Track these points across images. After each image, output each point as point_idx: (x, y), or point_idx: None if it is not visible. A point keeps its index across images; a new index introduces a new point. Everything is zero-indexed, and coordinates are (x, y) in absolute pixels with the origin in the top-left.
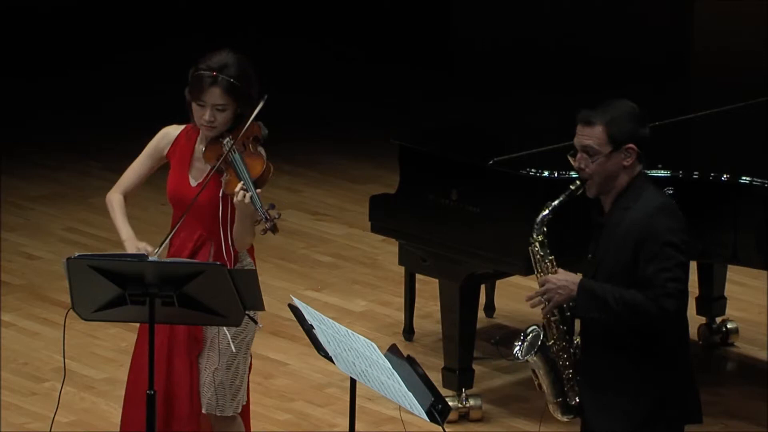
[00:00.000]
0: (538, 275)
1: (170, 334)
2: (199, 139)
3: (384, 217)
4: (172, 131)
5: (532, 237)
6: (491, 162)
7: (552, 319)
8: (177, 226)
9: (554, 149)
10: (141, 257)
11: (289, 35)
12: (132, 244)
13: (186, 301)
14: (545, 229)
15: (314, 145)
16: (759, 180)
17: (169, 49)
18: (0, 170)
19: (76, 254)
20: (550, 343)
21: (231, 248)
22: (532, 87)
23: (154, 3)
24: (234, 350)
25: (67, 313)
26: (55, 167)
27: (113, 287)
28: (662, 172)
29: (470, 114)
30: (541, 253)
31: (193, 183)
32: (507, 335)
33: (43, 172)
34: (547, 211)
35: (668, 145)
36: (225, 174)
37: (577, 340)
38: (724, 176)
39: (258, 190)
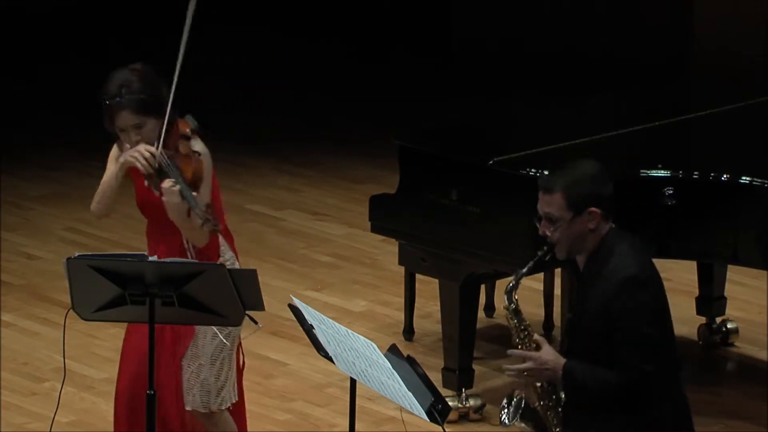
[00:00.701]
0: (518, 346)
1: (157, 335)
2: None
3: (384, 217)
4: (118, 151)
5: (505, 306)
6: (491, 162)
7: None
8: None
9: (554, 149)
10: (141, 257)
11: (289, 35)
12: (125, 155)
13: (186, 301)
14: (516, 298)
15: (314, 145)
16: (759, 180)
17: (169, 49)
18: (0, 170)
19: (76, 254)
20: (535, 405)
21: (201, 251)
22: (532, 87)
23: (154, 1)
24: (227, 343)
25: (67, 313)
26: (55, 167)
27: (113, 287)
28: (662, 172)
29: (470, 114)
30: (515, 321)
31: (157, 192)
32: (488, 391)
33: (43, 172)
34: (514, 282)
35: (668, 145)
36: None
37: (563, 395)
38: (724, 176)
39: (195, 193)
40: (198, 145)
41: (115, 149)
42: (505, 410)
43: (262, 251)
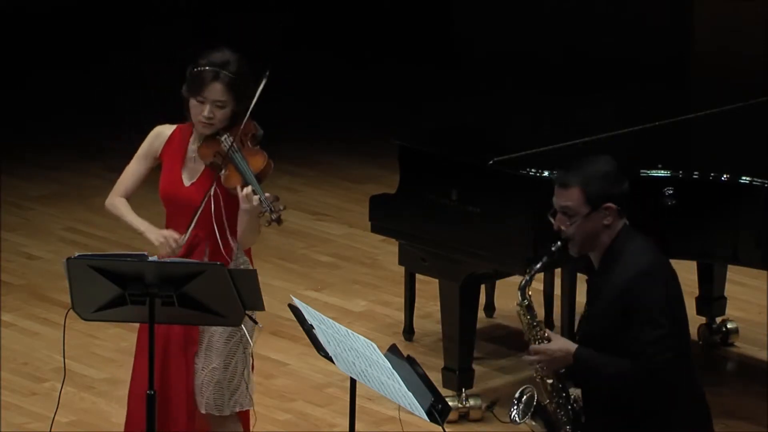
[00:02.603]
0: (530, 341)
1: (166, 335)
2: (192, 138)
3: (384, 217)
4: (165, 130)
5: (518, 302)
6: (491, 162)
7: (545, 379)
8: (197, 216)
9: (554, 149)
10: (141, 257)
11: (289, 35)
12: (154, 232)
13: (186, 301)
14: (529, 294)
15: (314, 145)
16: (759, 180)
17: (169, 49)
18: (0, 170)
19: (76, 254)
20: (546, 402)
21: (229, 245)
22: (533, 87)
23: (155, 1)
24: (252, 342)
25: (67, 313)
26: (55, 167)
27: (113, 287)
28: (662, 172)
29: (471, 114)
30: (528, 318)
31: (187, 182)
32: (499, 398)
33: (43, 172)
34: (528, 278)
35: (668, 145)
36: (224, 170)
37: (574, 394)
38: (724, 176)
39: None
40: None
41: (153, 137)
42: (515, 407)
43: (262, 251)
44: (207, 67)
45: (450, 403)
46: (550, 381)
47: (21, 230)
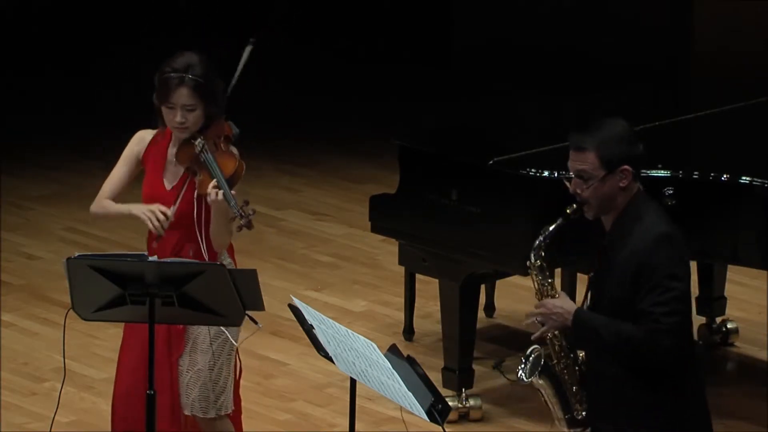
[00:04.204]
0: (538, 298)
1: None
2: (171, 143)
3: (384, 217)
4: (146, 135)
5: (530, 261)
6: (491, 162)
7: (552, 337)
8: (180, 195)
9: (554, 149)
10: (141, 257)
11: (289, 35)
12: (140, 207)
13: (186, 301)
14: (543, 254)
15: (314, 145)
16: (759, 180)
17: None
18: (0, 170)
19: (76, 254)
20: (554, 362)
21: (212, 249)
22: (532, 87)
23: (155, 2)
24: (235, 344)
25: (67, 313)
26: (55, 167)
27: (113, 287)
28: (662, 172)
29: (470, 114)
30: (540, 278)
31: (168, 186)
32: (505, 356)
33: (43, 172)
34: (542, 237)
35: (668, 145)
36: (198, 175)
37: (581, 354)
38: (724, 176)
39: (232, 191)
40: (234, 150)
41: (135, 141)
42: (522, 366)
43: (262, 251)
44: (172, 74)
45: (450, 403)
46: (557, 343)
47: (21, 230)
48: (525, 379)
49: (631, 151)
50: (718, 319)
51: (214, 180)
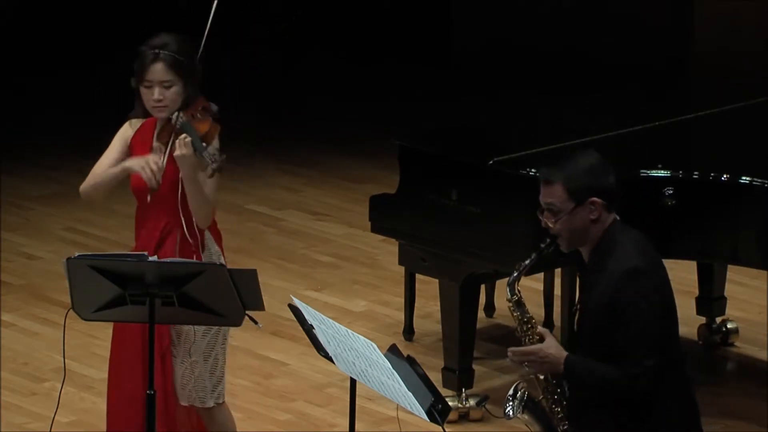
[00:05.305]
0: (521, 338)
1: (143, 335)
2: (156, 131)
3: (384, 217)
4: (135, 122)
5: (508, 297)
6: (491, 162)
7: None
8: (166, 152)
9: (554, 149)
10: (141, 257)
11: (289, 35)
12: (133, 160)
13: (186, 301)
14: (519, 290)
15: (314, 145)
16: (759, 180)
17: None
18: (0, 170)
19: (76, 254)
20: (540, 398)
21: (196, 234)
22: (532, 87)
23: (155, 2)
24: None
25: (67, 313)
26: (55, 167)
27: (113, 287)
28: (662, 172)
29: (470, 114)
30: (518, 314)
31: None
32: (489, 395)
33: (43, 172)
34: (517, 273)
35: (668, 145)
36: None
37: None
38: (724, 176)
39: (204, 144)
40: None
41: (124, 128)
42: (510, 403)
43: (262, 251)
44: (147, 50)
45: (450, 403)
46: (542, 377)
47: (21, 230)
48: (512, 415)
49: (600, 183)
50: (718, 319)
51: (184, 135)
